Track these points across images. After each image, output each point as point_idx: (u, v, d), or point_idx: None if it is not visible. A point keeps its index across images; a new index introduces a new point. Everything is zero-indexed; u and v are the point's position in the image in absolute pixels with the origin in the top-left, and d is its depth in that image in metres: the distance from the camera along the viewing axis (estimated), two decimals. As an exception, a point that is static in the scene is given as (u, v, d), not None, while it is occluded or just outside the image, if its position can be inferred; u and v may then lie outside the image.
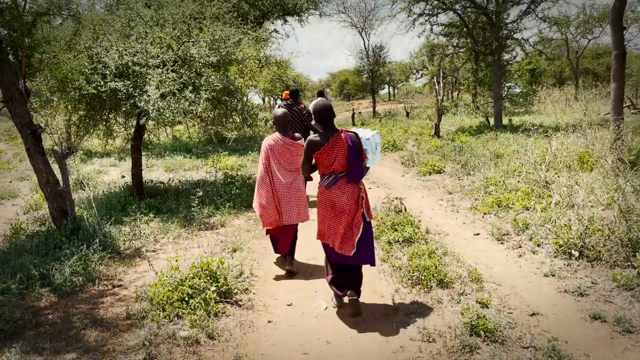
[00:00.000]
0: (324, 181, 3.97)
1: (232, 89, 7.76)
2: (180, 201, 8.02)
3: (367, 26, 27.49)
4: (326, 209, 3.97)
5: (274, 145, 5.02)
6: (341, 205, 3.88)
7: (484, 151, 11.57)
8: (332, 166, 3.87)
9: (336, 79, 56.35)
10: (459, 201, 7.57)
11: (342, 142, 3.84)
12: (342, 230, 3.87)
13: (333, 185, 3.89)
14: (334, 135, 3.86)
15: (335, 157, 3.85)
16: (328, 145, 3.84)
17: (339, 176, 3.89)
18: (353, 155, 3.85)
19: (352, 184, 3.89)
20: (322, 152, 3.86)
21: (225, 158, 11.93)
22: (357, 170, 3.88)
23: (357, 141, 3.92)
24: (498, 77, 16.25)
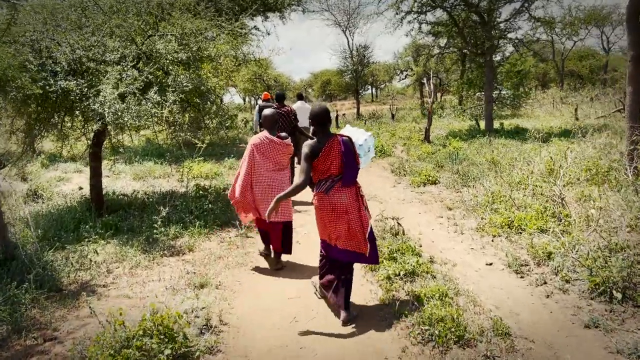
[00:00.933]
0: (321, 187, 3.99)
1: (204, 90, 6.77)
2: (144, 218, 6.99)
3: (351, 25, 26.63)
4: (327, 213, 3.99)
5: (260, 144, 5.13)
6: (342, 207, 3.95)
7: (479, 158, 10.78)
8: (329, 171, 3.93)
9: (318, 79, 55.47)
10: (462, 219, 6.71)
11: (337, 146, 3.91)
12: (347, 229, 3.96)
13: (332, 189, 3.94)
14: (329, 140, 3.92)
15: (332, 162, 3.91)
16: (325, 150, 3.90)
17: (335, 180, 3.95)
18: (347, 160, 3.93)
19: (348, 186, 3.98)
20: (320, 158, 3.90)
21: (199, 165, 10.90)
22: (350, 174, 3.97)
23: (351, 146, 4.00)
24: (489, 78, 15.52)
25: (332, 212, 3.96)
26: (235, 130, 21.91)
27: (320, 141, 3.94)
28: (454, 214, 7.01)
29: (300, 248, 5.94)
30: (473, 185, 8.38)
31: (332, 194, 3.94)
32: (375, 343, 3.59)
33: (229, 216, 7.01)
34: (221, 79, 7.48)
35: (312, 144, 3.93)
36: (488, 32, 15.20)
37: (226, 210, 7.24)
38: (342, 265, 4.09)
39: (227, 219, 6.91)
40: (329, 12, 26.33)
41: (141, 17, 6.94)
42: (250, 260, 5.52)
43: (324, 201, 3.97)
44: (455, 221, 6.64)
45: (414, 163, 11.23)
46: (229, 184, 9.49)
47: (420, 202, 7.97)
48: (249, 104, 45.63)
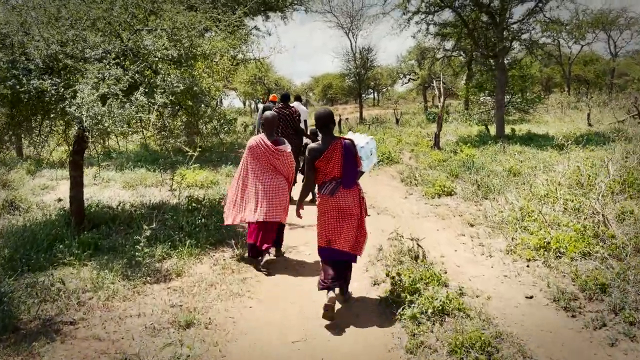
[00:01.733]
0: (325, 189, 4.07)
1: (197, 91, 6.00)
2: (129, 234, 6.21)
3: (354, 27, 25.92)
4: (332, 214, 4.08)
5: (255, 146, 5.25)
6: (347, 208, 4.06)
7: (496, 167, 10.01)
8: (332, 172, 4.01)
9: (319, 82, 54.86)
10: (488, 238, 5.93)
11: (340, 148, 4.00)
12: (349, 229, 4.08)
13: (336, 191, 4.03)
14: (332, 143, 4.02)
15: (335, 164, 3.99)
16: (328, 152, 3.99)
17: (339, 182, 4.04)
18: (348, 162, 4.02)
19: (350, 188, 4.08)
20: (322, 159, 3.99)
21: (194, 173, 10.13)
22: (351, 176, 4.06)
23: (353, 148, 4.09)
24: (501, 82, 14.77)
25: (338, 213, 4.07)
26: (235, 135, 21.20)
27: (323, 143, 4.07)
28: (478, 231, 6.23)
29: (306, 270, 5.19)
30: (494, 198, 7.60)
31: (338, 196, 4.05)
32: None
33: (223, 233, 6.24)
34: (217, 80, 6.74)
35: (315, 146, 4.08)
36: (500, 33, 14.47)
37: (221, 225, 6.47)
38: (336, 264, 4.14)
39: (222, 237, 6.14)
40: (332, 14, 25.58)
41: (128, 9, 6.19)
42: (247, 290, 4.74)
43: (330, 203, 4.07)
44: (480, 240, 5.86)
45: (425, 171, 10.46)
46: (225, 194, 8.73)
47: (436, 216, 7.19)
48: (249, 107, 44.91)
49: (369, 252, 5.63)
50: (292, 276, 5.17)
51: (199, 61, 6.40)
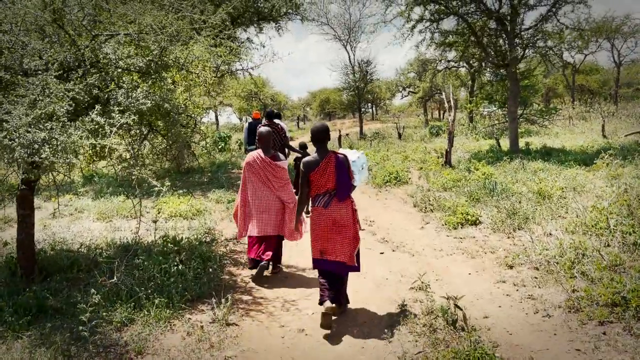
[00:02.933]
0: (319, 201, 4.19)
1: (169, 109, 4.81)
2: (88, 286, 4.98)
3: (353, 39, 24.92)
4: (327, 226, 4.16)
5: (252, 162, 5.34)
6: (342, 220, 4.15)
7: (520, 188, 8.82)
8: (327, 185, 4.14)
9: (317, 97, 54.06)
10: (536, 287, 4.69)
11: (333, 162, 4.13)
12: (342, 241, 4.16)
13: (330, 203, 4.14)
14: (327, 156, 4.15)
15: (329, 177, 4.12)
16: (322, 165, 4.11)
17: (332, 194, 4.15)
18: (342, 175, 4.15)
19: (344, 201, 4.18)
20: (316, 172, 4.12)
21: (176, 201, 8.91)
22: (344, 189, 4.19)
23: (346, 162, 4.21)
24: (514, 93, 13.67)
25: (332, 225, 4.14)
26: (229, 154, 20.04)
27: (318, 156, 4.16)
28: (520, 275, 5.01)
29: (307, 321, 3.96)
30: (530, 228, 6.40)
31: (332, 208, 4.14)
32: None
33: (204, 284, 5.00)
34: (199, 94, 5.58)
35: (310, 159, 4.17)
36: (511, 41, 13.40)
37: (202, 272, 5.25)
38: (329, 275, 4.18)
39: (202, 290, 4.89)
40: (329, 26, 24.60)
41: (84, 10, 5.04)
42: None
43: (324, 215, 4.15)
44: (527, 290, 4.64)
45: (439, 194, 9.27)
46: (212, 228, 7.52)
47: (464, 253, 5.97)
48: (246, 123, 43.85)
49: (388, 309, 4.41)
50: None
51: (173, 72, 5.22)
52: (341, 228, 4.14)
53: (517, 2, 13.13)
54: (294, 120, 54.85)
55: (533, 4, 13.21)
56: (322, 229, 4.16)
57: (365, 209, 8.87)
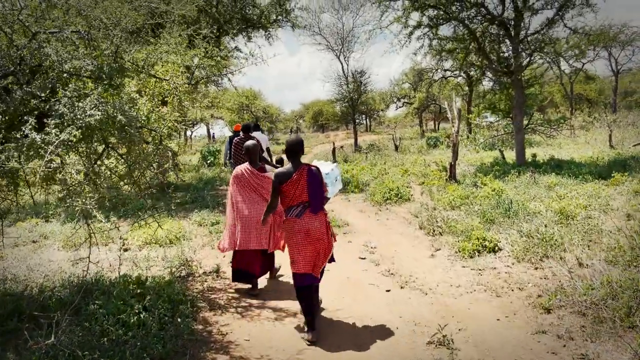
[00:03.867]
0: (292, 212, 4.18)
1: (125, 122, 3.85)
2: (27, 341, 3.95)
3: (346, 49, 24.11)
4: (300, 237, 4.13)
5: (240, 175, 5.30)
6: (315, 232, 4.14)
7: (537, 206, 7.90)
8: (300, 197, 4.15)
9: (310, 109, 53.46)
10: (588, 341, 3.73)
11: (306, 174, 4.15)
12: (319, 255, 4.17)
13: (303, 214, 4.14)
14: (299, 169, 4.15)
15: (302, 189, 4.13)
16: (295, 177, 4.13)
17: (306, 205, 4.15)
18: (315, 187, 4.16)
19: (317, 213, 4.18)
20: (289, 184, 4.12)
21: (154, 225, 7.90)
22: (318, 201, 4.20)
23: (319, 175, 4.26)
24: (519, 102, 12.81)
25: (305, 236, 4.13)
26: (218, 169, 19.06)
27: (291, 169, 4.17)
28: (564, 324, 4.03)
29: None
30: (560, 257, 5.46)
31: (305, 219, 4.14)
32: None
33: (170, 340, 3.99)
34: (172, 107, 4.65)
35: (283, 171, 4.19)
36: (515, 46, 12.58)
37: (170, 322, 4.24)
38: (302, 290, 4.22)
39: (166, 348, 3.88)
40: (321, 36, 23.80)
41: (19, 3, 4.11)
42: None
43: (297, 225, 4.14)
44: (578, 347, 3.66)
45: (447, 213, 8.33)
46: (189, 260, 6.51)
47: (486, 290, 5.00)
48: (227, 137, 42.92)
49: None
50: None
51: (131, 77, 4.27)
52: (313, 240, 4.14)
53: (522, 6, 12.32)
54: (287, 133, 54.00)
55: (538, 8, 12.42)
56: (296, 239, 4.17)
57: (366, 232, 7.91)
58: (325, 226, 4.24)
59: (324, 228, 4.22)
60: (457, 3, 13.26)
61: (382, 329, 4.28)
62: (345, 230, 8.01)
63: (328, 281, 5.67)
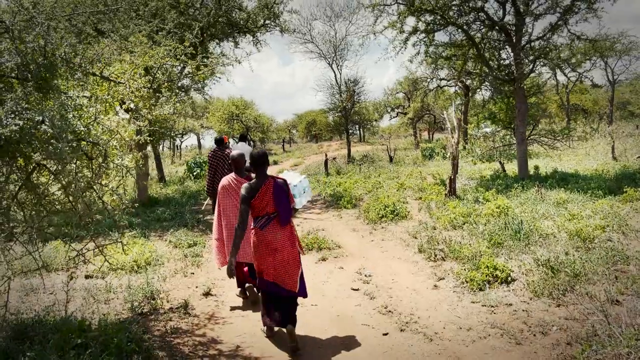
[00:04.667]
0: (257, 223, 4.23)
1: (53, 134, 3.01)
2: None
3: (339, 57, 23.40)
4: (263, 248, 4.20)
5: (228, 185, 5.37)
6: (276, 244, 4.19)
7: (551, 227, 7.12)
8: (266, 209, 4.19)
9: (302, 119, 52.80)
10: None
11: (271, 187, 4.18)
12: (281, 266, 4.19)
13: (267, 226, 4.19)
14: (266, 181, 4.19)
15: (268, 201, 4.16)
16: (262, 190, 4.16)
17: (271, 217, 4.21)
18: (281, 199, 4.20)
19: (283, 224, 4.23)
20: (257, 197, 4.15)
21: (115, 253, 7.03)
22: (285, 212, 4.24)
23: (285, 187, 4.32)
24: (521, 111, 12.09)
25: (266, 247, 4.19)
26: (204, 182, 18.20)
27: (257, 181, 4.20)
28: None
29: None
30: (586, 291, 4.66)
31: (268, 230, 4.19)
32: None
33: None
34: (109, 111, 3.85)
35: (250, 185, 4.20)
36: (517, 53, 11.88)
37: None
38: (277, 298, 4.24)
39: None
40: (313, 44, 23.09)
41: None
42: None
43: (259, 237, 4.21)
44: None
45: (448, 233, 7.54)
46: (156, 291, 5.64)
47: (503, 335, 4.17)
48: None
49: None
50: None
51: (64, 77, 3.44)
52: (273, 251, 4.19)
53: (524, 10, 11.65)
54: (279, 143, 53.30)
55: (540, 13, 11.74)
56: (260, 248, 4.23)
57: (359, 256, 7.08)
58: (289, 238, 4.28)
59: (286, 240, 4.25)
60: (455, 8, 12.59)
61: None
62: (336, 254, 7.18)
63: (315, 318, 4.84)
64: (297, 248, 4.34)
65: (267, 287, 4.24)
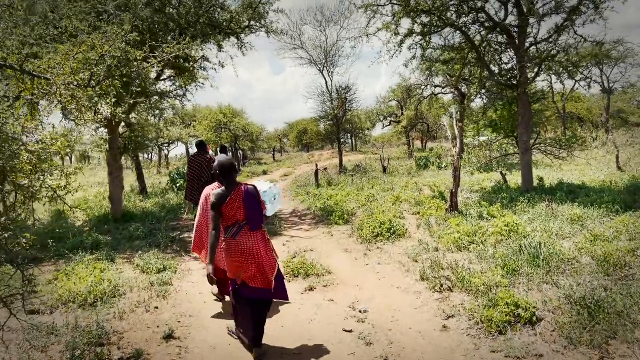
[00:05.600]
0: (229, 232, 4.21)
1: None
2: None
3: (330, 64, 22.56)
4: (236, 256, 4.17)
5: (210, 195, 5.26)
6: (250, 250, 4.17)
7: (569, 249, 6.23)
8: (236, 216, 4.18)
9: (294, 128, 51.99)
10: None
11: (241, 194, 4.20)
12: (256, 268, 4.19)
13: (238, 234, 4.17)
14: (235, 189, 4.21)
15: (238, 208, 4.17)
16: (232, 198, 4.17)
17: (242, 225, 4.20)
18: (251, 206, 4.22)
19: (255, 231, 4.23)
20: (227, 205, 4.15)
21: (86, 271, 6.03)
22: (257, 218, 4.25)
23: (256, 193, 4.33)
24: (525, 119, 11.26)
25: (241, 255, 4.16)
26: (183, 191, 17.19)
27: (227, 189, 4.22)
28: None
29: None
30: (635, 338, 3.74)
31: (240, 238, 4.17)
32: None
33: None
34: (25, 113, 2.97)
35: (219, 192, 4.20)
36: (521, 56, 11.07)
37: None
38: (253, 303, 4.24)
39: None
40: (303, 49, 22.26)
41: None
42: None
43: (232, 245, 4.18)
44: None
45: (453, 256, 6.63)
46: (107, 335, 4.65)
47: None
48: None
49: None
50: None
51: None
52: (250, 257, 4.19)
53: (528, 10, 10.85)
54: (270, 153, 52.37)
55: (545, 13, 10.95)
56: (234, 258, 4.20)
57: (352, 283, 6.14)
58: (263, 243, 4.29)
59: (261, 245, 4.26)
60: (454, 9, 11.78)
61: None
62: (326, 281, 6.21)
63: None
64: (272, 253, 4.34)
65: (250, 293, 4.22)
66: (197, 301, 5.81)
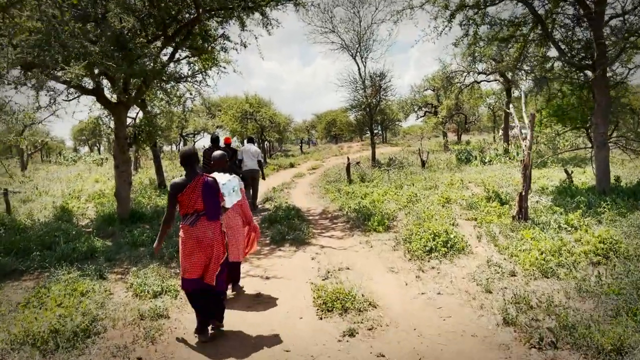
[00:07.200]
0: (187, 220, 4.28)
1: None
2: None
3: (363, 48, 20.77)
4: (192, 244, 4.26)
5: None
6: (206, 239, 4.26)
7: None
8: (195, 206, 4.24)
9: (322, 119, 50.45)
10: None
11: (200, 185, 4.24)
12: (209, 262, 4.28)
13: (196, 223, 4.25)
14: (195, 178, 4.25)
15: (197, 198, 4.23)
16: (190, 187, 4.21)
17: (200, 214, 4.27)
18: (210, 197, 4.29)
19: (212, 221, 4.32)
20: (184, 193, 4.21)
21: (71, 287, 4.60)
22: (214, 209, 4.35)
23: (215, 185, 4.39)
24: (602, 107, 9.37)
25: (196, 243, 4.25)
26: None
27: (187, 178, 4.26)
28: None
29: None
30: None
31: (198, 227, 4.26)
32: None
33: None
34: None
35: (178, 181, 4.25)
36: (598, 32, 9.15)
37: None
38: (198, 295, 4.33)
39: None
40: (335, 34, 20.55)
41: None
42: None
43: (188, 233, 4.26)
44: None
45: (538, 285, 4.96)
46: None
47: None
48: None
49: None
50: None
51: None
52: (205, 247, 4.25)
53: (610, -27, 8.92)
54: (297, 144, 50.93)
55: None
56: (188, 245, 4.25)
57: (406, 324, 4.51)
58: (219, 234, 4.36)
59: (217, 236, 4.33)
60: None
61: None
62: (370, 321, 4.58)
63: None
64: (224, 248, 4.40)
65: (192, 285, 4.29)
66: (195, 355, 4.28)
